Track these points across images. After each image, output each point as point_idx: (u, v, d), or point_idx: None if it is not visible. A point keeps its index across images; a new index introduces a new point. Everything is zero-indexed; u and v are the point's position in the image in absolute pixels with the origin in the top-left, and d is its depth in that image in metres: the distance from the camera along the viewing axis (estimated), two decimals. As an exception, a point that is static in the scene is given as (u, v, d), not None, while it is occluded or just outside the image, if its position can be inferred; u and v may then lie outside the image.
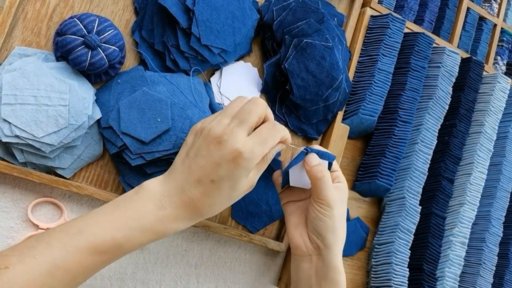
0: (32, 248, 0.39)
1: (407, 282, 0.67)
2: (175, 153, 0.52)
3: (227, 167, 0.42)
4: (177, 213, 0.42)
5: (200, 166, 0.43)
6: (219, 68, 0.61)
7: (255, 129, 0.46)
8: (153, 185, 0.44)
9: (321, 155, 0.51)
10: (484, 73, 0.77)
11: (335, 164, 0.53)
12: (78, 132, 0.50)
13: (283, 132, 0.46)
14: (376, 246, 0.69)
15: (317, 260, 0.50)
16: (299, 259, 0.51)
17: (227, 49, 0.57)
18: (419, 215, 0.69)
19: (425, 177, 0.70)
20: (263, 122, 0.47)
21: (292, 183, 0.53)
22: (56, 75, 0.50)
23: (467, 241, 0.71)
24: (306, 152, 0.51)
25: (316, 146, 0.53)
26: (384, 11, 0.71)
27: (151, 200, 0.42)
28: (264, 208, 0.62)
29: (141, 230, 0.41)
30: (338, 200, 0.50)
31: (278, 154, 0.64)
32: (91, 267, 0.40)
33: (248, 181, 0.44)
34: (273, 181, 0.55)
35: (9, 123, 0.48)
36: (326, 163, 0.51)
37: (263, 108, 0.45)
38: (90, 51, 0.50)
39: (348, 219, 0.69)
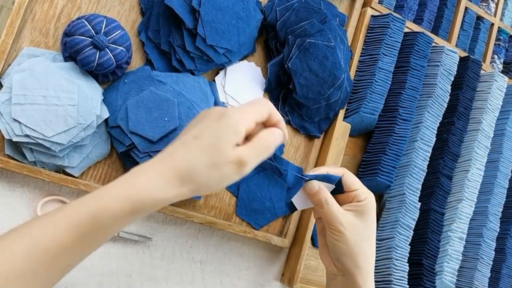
0: (13, 231, 0.37)
1: (407, 276, 0.68)
2: (182, 152, 0.53)
3: (212, 123, 0.40)
4: (155, 177, 0.38)
5: (187, 130, 0.42)
6: (224, 67, 0.62)
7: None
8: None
9: (321, 178, 0.49)
10: (482, 71, 0.79)
11: (356, 181, 0.50)
12: (86, 131, 0.51)
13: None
14: (377, 241, 0.70)
15: (342, 281, 0.49)
16: (329, 276, 0.51)
17: (232, 49, 0.58)
18: (418, 211, 0.70)
19: (424, 174, 0.71)
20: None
21: (299, 207, 0.52)
22: (64, 75, 0.51)
23: (465, 236, 0.72)
24: (305, 179, 0.49)
25: (318, 169, 0.50)
26: (385, 11, 0.72)
27: (131, 171, 0.40)
28: (267, 205, 0.64)
29: (116, 200, 0.37)
30: (352, 223, 0.47)
31: (281, 151, 0.65)
32: (69, 247, 0.37)
33: (229, 153, 0.39)
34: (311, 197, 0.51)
35: (19, 122, 0.49)
36: (328, 185, 0.49)
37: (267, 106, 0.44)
38: (98, 52, 0.51)
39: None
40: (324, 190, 0.49)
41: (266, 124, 0.44)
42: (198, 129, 0.41)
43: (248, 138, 0.42)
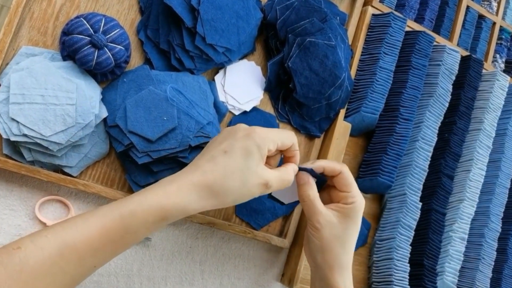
0: (46, 229, 0.39)
1: (408, 277, 0.68)
2: (181, 151, 0.53)
3: (240, 140, 0.43)
4: (186, 187, 0.41)
5: (215, 145, 0.44)
6: (223, 66, 0.61)
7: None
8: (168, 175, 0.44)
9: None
10: (483, 71, 0.78)
11: (350, 183, 0.51)
12: (85, 130, 0.51)
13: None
14: (378, 242, 0.70)
15: (318, 273, 0.51)
16: (311, 269, 0.53)
17: (232, 48, 0.58)
18: (419, 211, 0.70)
19: (426, 173, 0.71)
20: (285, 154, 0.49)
21: (284, 201, 0.54)
22: (63, 74, 0.50)
23: (466, 236, 0.72)
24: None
25: (318, 161, 0.51)
26: (386, 9, 0.72)
27: (162, 181, 0.42)
28: (267, 205, 0.63)
29: (148, 206, 0.40)
30: (330, 222, 0.48)
31: None
32: (99, 248, 0.39)
33: (259, 173, 0.42)
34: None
35: (17, 122, 0.48)
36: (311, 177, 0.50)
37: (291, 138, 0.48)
38: (96, 51, 0.51)
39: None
40: (311, 185, 0.50)
41: (284, 152, 0.48)
42: (228, 144, 0.43)
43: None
